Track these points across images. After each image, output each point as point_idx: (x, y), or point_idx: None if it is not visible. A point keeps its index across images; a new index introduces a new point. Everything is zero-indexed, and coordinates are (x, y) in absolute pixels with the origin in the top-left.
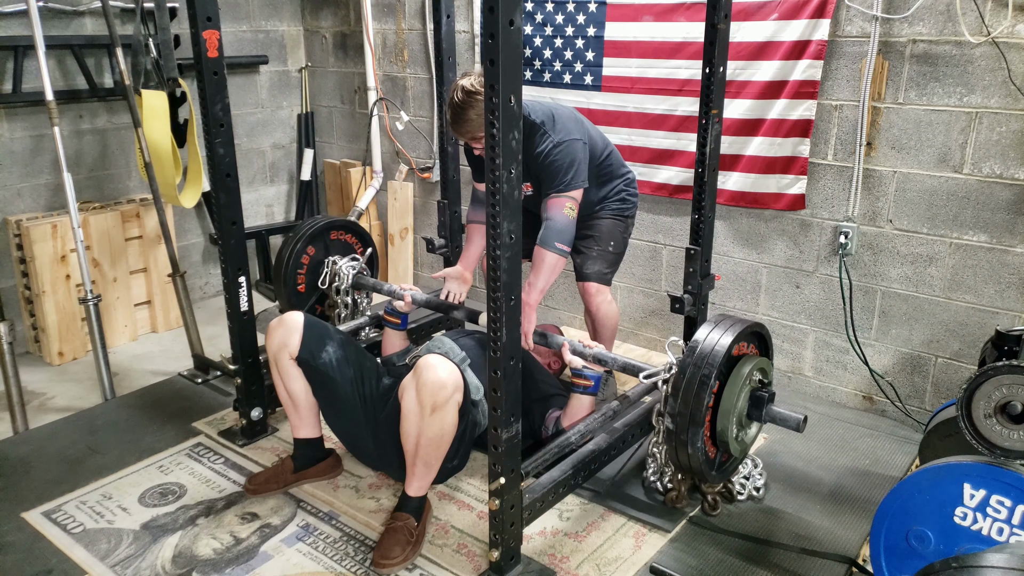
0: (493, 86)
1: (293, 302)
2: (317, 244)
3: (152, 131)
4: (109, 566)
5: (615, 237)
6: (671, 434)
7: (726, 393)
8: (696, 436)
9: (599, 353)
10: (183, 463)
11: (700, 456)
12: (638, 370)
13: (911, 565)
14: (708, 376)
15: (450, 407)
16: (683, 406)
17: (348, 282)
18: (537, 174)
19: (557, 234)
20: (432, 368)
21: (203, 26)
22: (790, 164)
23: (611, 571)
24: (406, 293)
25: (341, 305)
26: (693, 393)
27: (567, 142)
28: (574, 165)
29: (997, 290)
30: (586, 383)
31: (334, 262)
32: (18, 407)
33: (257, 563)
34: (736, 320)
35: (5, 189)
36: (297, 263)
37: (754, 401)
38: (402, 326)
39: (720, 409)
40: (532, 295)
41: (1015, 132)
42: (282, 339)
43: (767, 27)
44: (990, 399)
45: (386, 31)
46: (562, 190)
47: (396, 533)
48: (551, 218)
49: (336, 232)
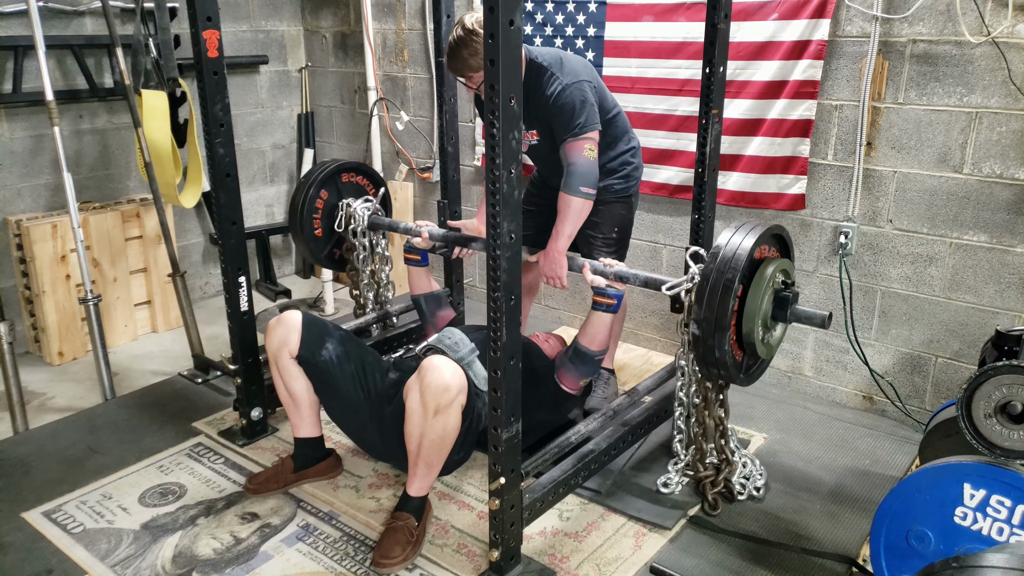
0: (493, 86)
1: (312, 247)
2: (329, 188)
3: (152, 131)
4: (109, 566)
5: (617, 222)
6: (697, 340)
7: (750, 296)
8: (723, 340)
9: (620, 271)
10: (183, 463)
11: (728, 360)
12: (660, 283)
13: (911, 565)
14: (732, 280)
15: (453, 409)
16: (708, 311)
17: (364, 223)
18: (547, 119)
19: (581, 178)
20: (436, 370)
21: (203, 26)
22: (790, 164)
23: (611, 571)
24: (423, 229)
25: (359, 247)
26: (718, 298)
27: (576, 83)
28: (586, 105)
29: (997, 290)
30: (608, 300)
31: (348, 204)
32: (18, 407)
33: (257, 563)
34: (756, 223)
35: (5, 189)
36: (312, 208)
37: (778, 302)
38: (423, 262)
39: (745, 312)
40: (560, 241)
41: (1015, 132)
42: (281, 338)
43: (767, 27)
44: (990, 399)
45: (386, 31)
46: (578, 132)
47: (396, 533)
48: (573, 163)
49: (347, 175)
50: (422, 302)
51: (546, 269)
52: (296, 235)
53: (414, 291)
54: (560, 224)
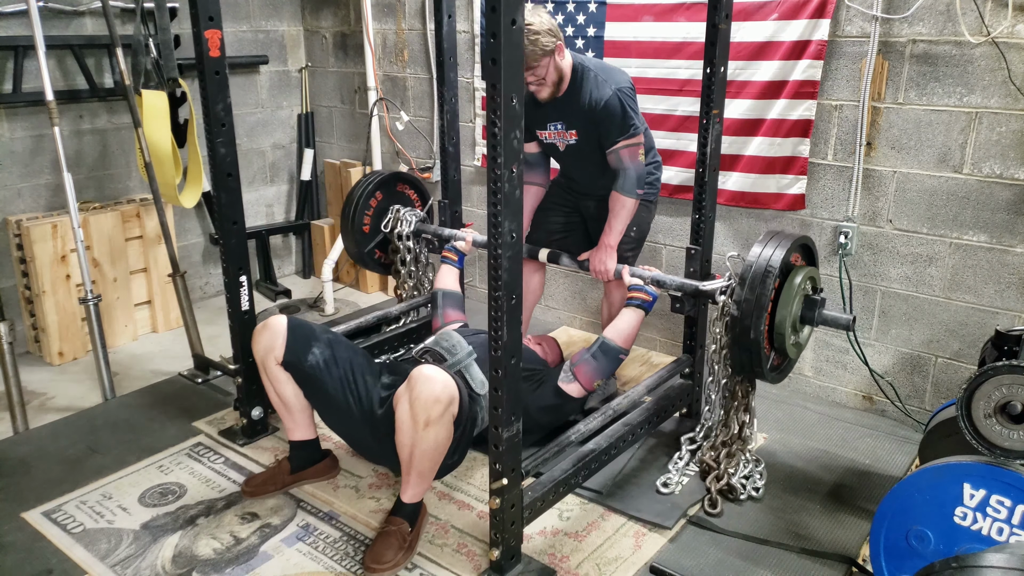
0: (495, 86)
1: (357, 239)
2: (385, 191)
3: (152, 131)
4: (109, 566)
5: (636, 222)
6: (735, 321)
7: (783, 297)
8: (760, 322)
9: (657, 276)
10: (183, 463)
11: (760, 348)
12: (695, 286)
13: (911, 565)
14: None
15: (444, 421)
16: (749, 292)
17: (411, 228)
18: (592, 121)
19: (636, 181)
20: (426, 381)
21: (205, 25)
22: (790, 164)
23: (611, 571)
24: (468, 235)
25: (404, 250)
26: (759, 282)
27: (622, 88)
28: (634, 110)
29: (997, 290)
30: (645, 297)
31: (398, 209)
32: (18, 407)
33: (257, 563)
34: (785, 235)
35: (5, 189)
36: (366, 204)
37: (808, 303)
38: (458, 264)
39: (777, 312)
40: (612, 237)
41: (1015, 132)
42: (267, 344)
43: (767, 27)
44: (990, 399)
45: (386, 31)
46: (630, 136)
47: (389, 537)
48: (628, 167)
49: (402, 185)
50: (440, 296)
51: (596, 263)
52: (345, 226)
53: (437, 284)
54: (613, 221)
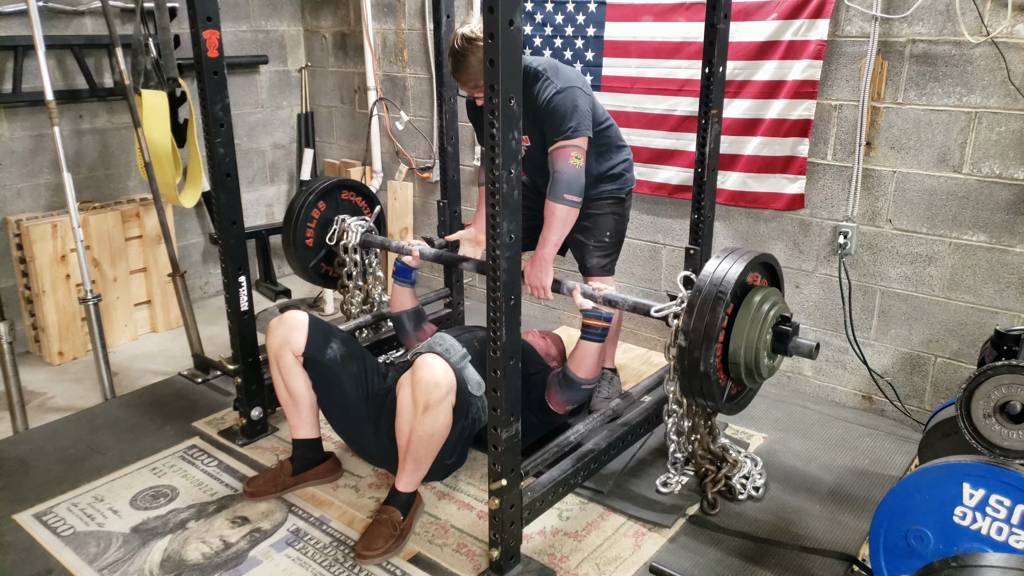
0: (493, 86)
1: (301, 255)
2: (328, 201)
3: (152, 131)
4: (97, 570)
5: (610, 227)
6: (683, 352)
7: (738, 319)
8: (710, 354)
9: (609, 295)
10: (176, 465)
11: (712, 377)
12: (648, 308)
13: (910, 564)
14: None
15: (443, 407)
16: (697, 321)
17: (356, 239)
18: (540, 122)
19: (566, 186)
20: (428, 367)
21: (203, 26)
22: (789, 164)
23: (611, 570)
24: (414, 248)
25: (350, 263)
26: (709, 308)
27: (569, 88)
28: (577, 111)
29: (996, 290)
30: (600, 323)
31: (343, 220)
32: (18, 407)
33: (245, 568)
34: (742, 252)
35: (5, 189)
36: (307, 216)
37: (779, 336)
38: (410, 280)
39: (731, 341)
40: (547, 249)
41: (1014, 132)
42: (284, 336)
43: (766, 27)
44: (989, 399)
45: (386, 31)
46: (568, 136)
47: (381, 525)
48: (558, 170)
49: (346, 192)
50: (404, 319)
51: (531, 277)
52: (287, 240)
53: (395, 309)
54: (546, 231)
